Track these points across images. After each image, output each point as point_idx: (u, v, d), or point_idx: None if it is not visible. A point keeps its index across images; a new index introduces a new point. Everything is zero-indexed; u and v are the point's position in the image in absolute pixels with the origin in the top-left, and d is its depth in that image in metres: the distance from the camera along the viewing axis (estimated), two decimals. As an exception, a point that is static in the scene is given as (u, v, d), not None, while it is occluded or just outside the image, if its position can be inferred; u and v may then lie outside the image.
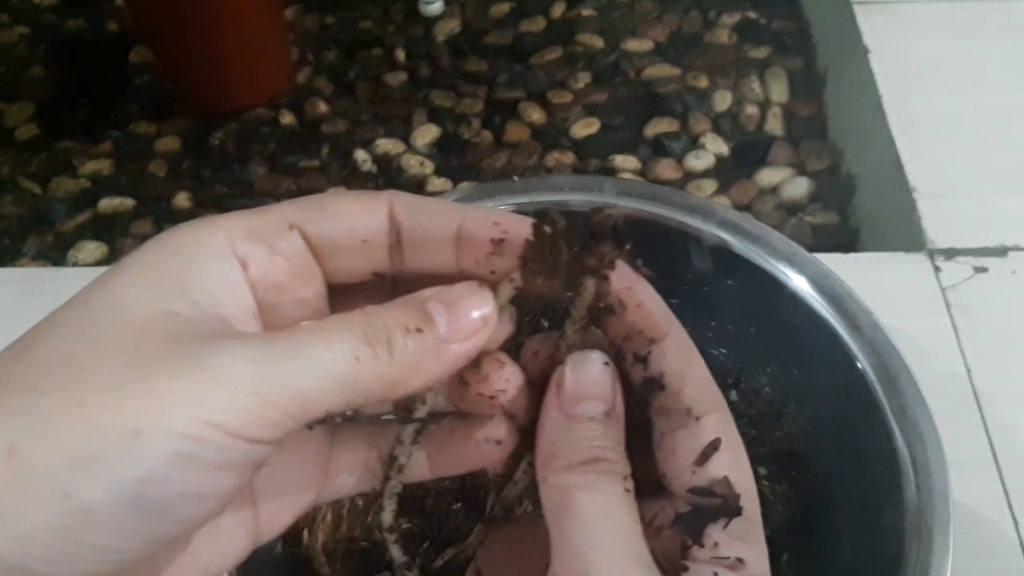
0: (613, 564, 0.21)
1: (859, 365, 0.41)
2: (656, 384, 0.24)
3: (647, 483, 0.24)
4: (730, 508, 0.23)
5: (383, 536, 0.26)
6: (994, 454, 0.51)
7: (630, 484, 0.22)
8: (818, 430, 0.45)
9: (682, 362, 0.24)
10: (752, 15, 1.06)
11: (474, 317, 0.22)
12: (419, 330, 0.21)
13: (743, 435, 0.48)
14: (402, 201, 0.23)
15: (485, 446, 0.25)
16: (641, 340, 0.24)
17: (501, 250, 0.23)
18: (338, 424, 0.25)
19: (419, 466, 0.26)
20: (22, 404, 0.18)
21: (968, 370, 0.54)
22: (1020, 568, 0.47)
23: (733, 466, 0.23)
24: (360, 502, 0.44)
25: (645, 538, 0.22)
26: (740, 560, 0.22)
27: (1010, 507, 0.49)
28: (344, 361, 0.20)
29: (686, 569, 0.22)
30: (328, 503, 0.44)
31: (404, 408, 0.25)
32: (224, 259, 0.22)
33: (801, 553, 0.42)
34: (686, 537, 0.23)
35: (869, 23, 0.80)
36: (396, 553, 0.27)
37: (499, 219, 0.23)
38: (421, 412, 0.25)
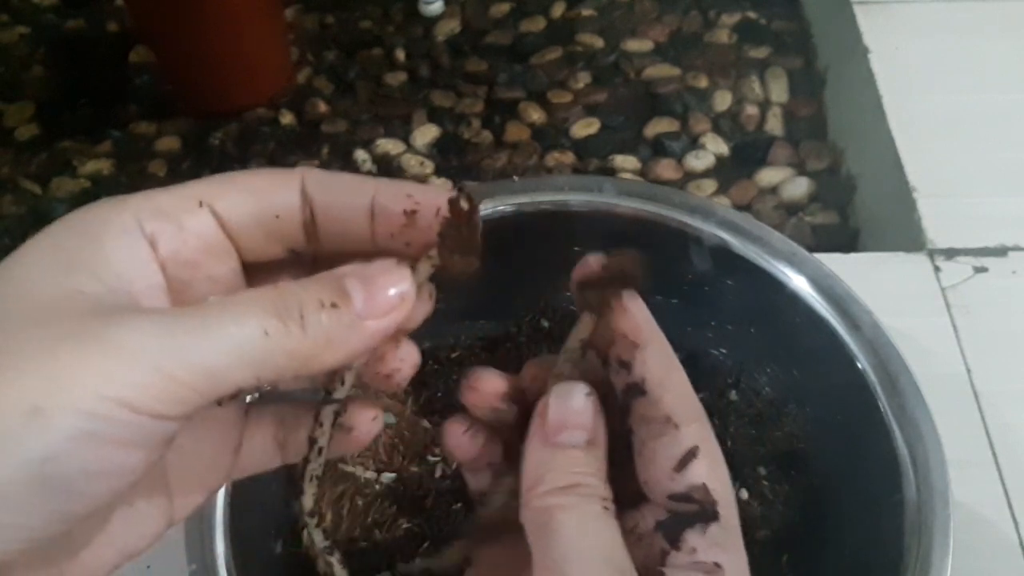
0: (589, 572, 0.21)
1: (859, 365, 0.41)
2: (638, 389, 0.24)
3: (628, 494, 0.24)
4: (707, 513, 0.23)
5: (304, 521, 0.26)
6: (994, 454, 0.51)
7: (609, 504, 0.23)
8: (818, 430, 0.45)
9: (663, 371, 0.24)
10: (752, 15, 1.06)
11: (391, 294, 0.22)
12: (334, 305, 0.21)
13: (743, 435, 0.48)
14: (314, 177, 0.23)
15: (374, 424, 0.25)
16: (626, 344, 0.24)
17: (414, 222, 0.23)
18: (249, 403, 0.25)
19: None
20: None
21: (968, 370, 0.54)
22: (1020, 568, 0.47)
23: (711, 475, 0.23)
24: (360, 502, 0.44)
25: (627, 546, 0.22)
26: (718, 565, 0.22)
27: (1010, 507, 0.49)
28: (253, 335, 0.20)
29: None
30: (328, 503, 0.44)
31: (324, 389, 0.25)
32: (131, 237, 0.21)
33: (801, 553, 0.42)
34: (664, 543, 0.23)
35: (869, 23, 0.80)
36: (318, 538, 0.26)
37: (412, 191, 0.23)
38: (340, 393, 0.24)
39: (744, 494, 0.45)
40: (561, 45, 1.04)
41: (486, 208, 0.47)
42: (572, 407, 0.24)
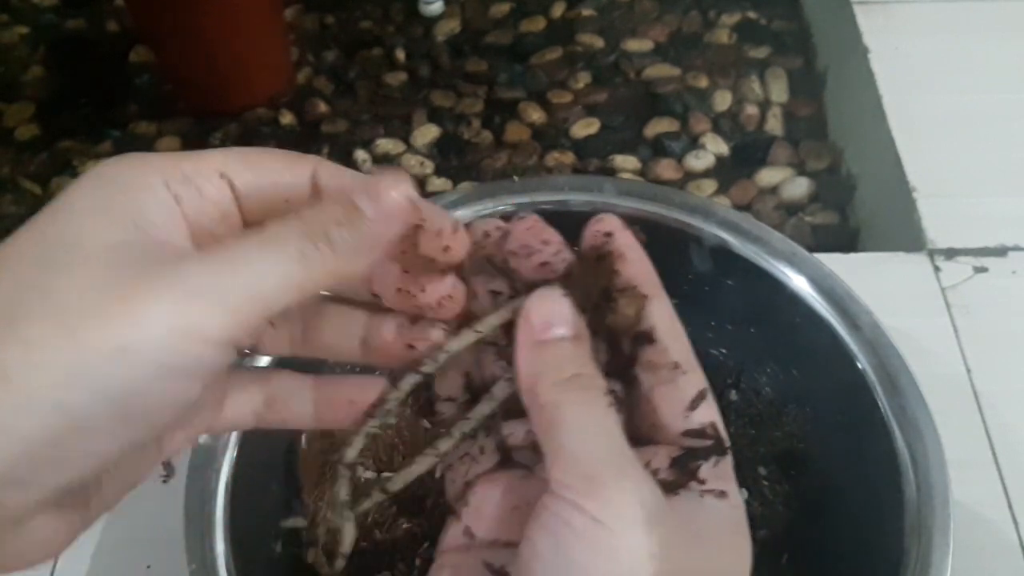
0: (612, 463, 0.22)
1: (859, 365, 0.41)
2: (646, 337, 0.26)
3: (634, 435, 0.26)
4: (720, 448, 0.25)
5: (339, 469, 0.27)
6: (994, 454, 0.51)
7: (611, 399, 0.24)
8: (818, 430, 0.45)
9: (669, 321, 0.27)
10: (752, 15, 1.06)
11: (394, 196, 0.23)
12: (351, 220, 0.23)
13: (743, 435, 0.48)
14: (327, 169, 0.25)
15: (350, 407, 0.27)
16: (634, 295, 0.26)
17: (416, 234, 0.25)
18: (234, 366, 0.26)
19: (303, 418, 0.28)
20: (8, 333, 0.19)
21: (968, 370, 0.54)
22: (1020, 568, 0.47)
23: (715, 415, 0.26)
24: (360, 502, 0.44)
25: None
26: (723, 492, 0.25)
27: (1010, 507, 0.49)
28: (293, 259, 0.22)
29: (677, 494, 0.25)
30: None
31: (414, 361, 0.27)
32: (160, 193, 0.23)
33: (801, 553, 0.42)
34: (682, 476, 0.25)
35: (869, 23, 0.80)
36: (343, 490, 0.27)
37: (420, 203, 0.25)
38: (429, 368, 0.27)
39: (744, 494, 0.45)
40: (561, 45, 1.04)
41: (486, 208, 0.47)
42: (553, 305, 0.25)
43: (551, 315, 0.25)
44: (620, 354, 0.27)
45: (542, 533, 0.22)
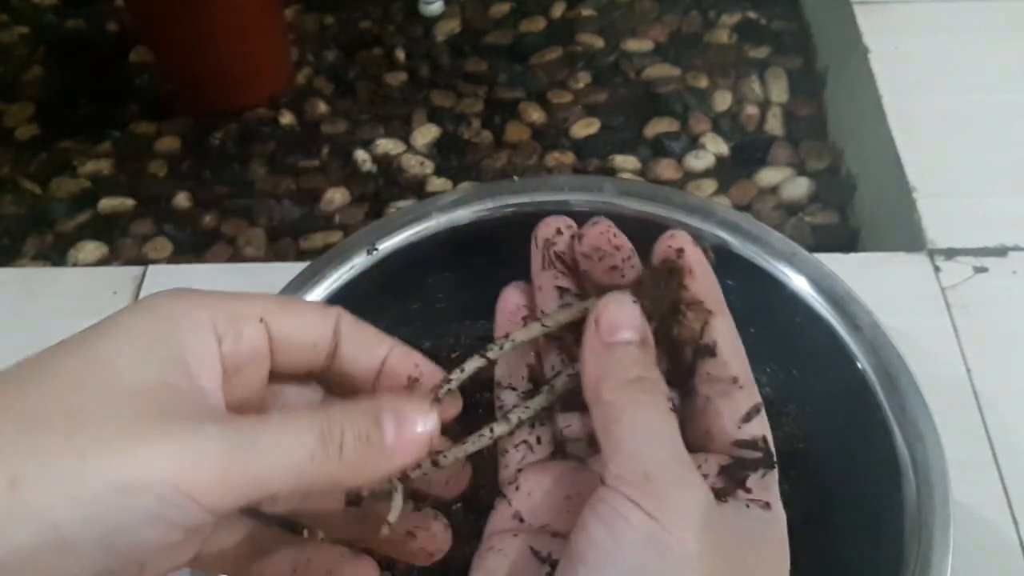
0: (670, 465, 0.23)
1: (859, 365, 0.41)
2: (708, 350, 0.28)
3: (686, 442, 0.27)
4: (769, 461, 0.26)
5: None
6: (994, 454, 0.51)
7: (672, 404, 0.25)
8: (818, 430, 0.45)
9: (731, 338, 0.28)
10: (752, 15, 1.06)
11: (419, 431, 0.25)
12: (369, 438, 0.24)
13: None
14: (348, 320, 0.28)
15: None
16: (701, 310, 0.28)
17: (416, 388, 0.28)
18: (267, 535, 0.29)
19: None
20: (26, 443, 0.21)
21: (968, 370, 0.54)
22: (1020, 568, 0.47)
23: (766, 430, 0.27)
24: (360, 502, 0.44)
25: None
26: (768, 504, 0.26)
27: (1010, 507, 0.49)
28: (302, 457, 0.23)
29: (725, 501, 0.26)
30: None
31: (480, 351, 0.29)
32: (206, 334, 0.25)
33: (801, 553, 0.42)
34: (730, 484, 0.26)
35: (869, 23, 0.80)
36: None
37: (419, 360, 0.28)
38: (494, 354, 0.29)
39: (744, 494, 0.45)
40: (561, 45, 1.04)
41: (486, 208, 0.47)
42: (624, 309, 0.26)
43: (620, 319, 0.26)
44: (681, 364, 0.28)
45: (597, 523, 0.23)
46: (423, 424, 0.25)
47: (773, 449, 0.26)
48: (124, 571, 0.22)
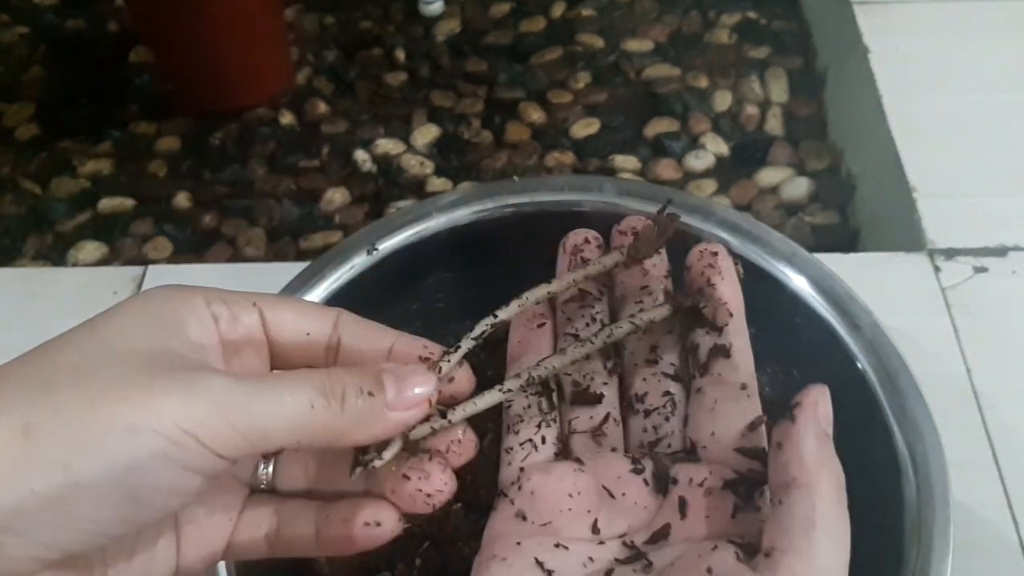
0: None
1: (859, 365, 0.41)
2: (724, 351, 0.29)
3: (691, 438, 0.28)
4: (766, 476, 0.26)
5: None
6: (994, 454, 0.51)
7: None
8: (818, 430, 0.45)
9: (744, 343, 0.30)
10: (752, 15, 1.06)
11: (417, 392, 0.26)
12: (371, 393, 0.25)
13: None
14: (348, 316, 0.29)
15: (366, 529, 0.28)
16: (723, 312, 0.29)
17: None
18: (252, 491, 0.30)
19: (308, 539, 0.29)
20: (38, 395, 0.22)
21: (968, 370, 0.54)
22: (1020, 568, 0.47)
23: (764, 443, 0.27)
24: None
25: (695, 497, 0.27)
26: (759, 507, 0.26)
27: (1010, 507, 0.49)
28: (302, 406, 0.24)
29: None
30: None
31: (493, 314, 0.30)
32: (202, 313, 0.26)
33: (801, 553, 0.42)
34: (737, 499, 0.26)
35: (869, 23, 0.80)
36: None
37: (427, 343, 0.29)
38: (504, 314, 0.30)
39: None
40: (561, 45, 1.04)
41: (486, 208, 0.47)
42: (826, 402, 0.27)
43: (828, 413, 0.26)
44: (695, 362, 0.30)
45: None
46: (422, 386, 0.26)
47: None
48: (144, 517, 0.23)
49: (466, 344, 0.29)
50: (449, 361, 0.28)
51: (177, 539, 0.27)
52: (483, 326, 0.30)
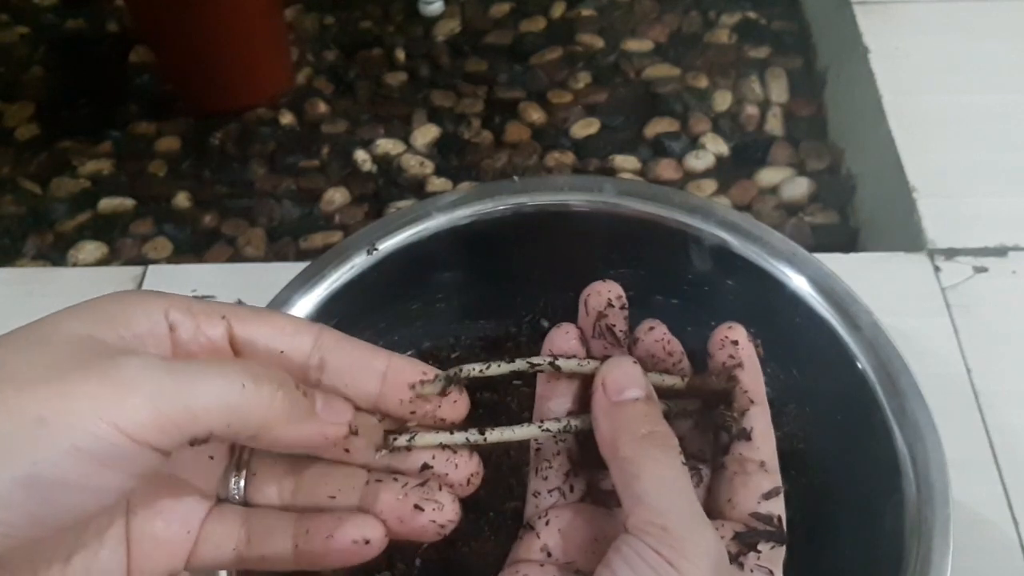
0: (686, 517, 0.25)
1: (859, 365, 0.41)
2: (745, 435, 0.30)
3: (708, 509, 0.29)
4: (780, 536, 0.29)
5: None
6: (994, 454, 0.51)
7: (683, 457, 0.27)
8: (818, 430, 0.45)
9: (766, 427, 0.31)
10: (752, 15, 1.06)
11: (341, 411, 0.26)
12: (304, 394, 0.25)
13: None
14: (331, 334, 0.28)
15: (353, 547, 0.27)
16: (744, 399, 0.30)
17: (423, 387, 0.28)
18: (219, 500, 0.28)
19: (284, 554, 0.27)
20: None
21: (968, 370, 0.54)
22: (1020, 568, 0.47)
23: (782, 511, 0.29)
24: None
25: None
26: (771, 572, 0.28)
27: (1010, 507, 0.49)
28: (233, 387, 0.23)
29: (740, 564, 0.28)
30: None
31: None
32: (156, 315, 0.25)
33: (801, 553, 0.42)
34: (743, 547, 0.28)
35: (869, 23, 0.80)
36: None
37: (425, 368, 0.28)
38: (542, 365, 0.30)
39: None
40: (561, 45, 1.04)
41: (486, 208, 0.47)
42: (627, 370, 0.28)
43: (625, 379, 0.28)
44: (718, 443, 0.31)
45: (621, 563, 0.24)
46: (347, 411, 0.26)
47: (785, 528, 0.29)
48: (57, 518, 0.22)
49: (443, 377, 0.29)
50: (439, 382, 0.28)
51: (127, 550, 0.26)
52: (481, 367, 0.30)
